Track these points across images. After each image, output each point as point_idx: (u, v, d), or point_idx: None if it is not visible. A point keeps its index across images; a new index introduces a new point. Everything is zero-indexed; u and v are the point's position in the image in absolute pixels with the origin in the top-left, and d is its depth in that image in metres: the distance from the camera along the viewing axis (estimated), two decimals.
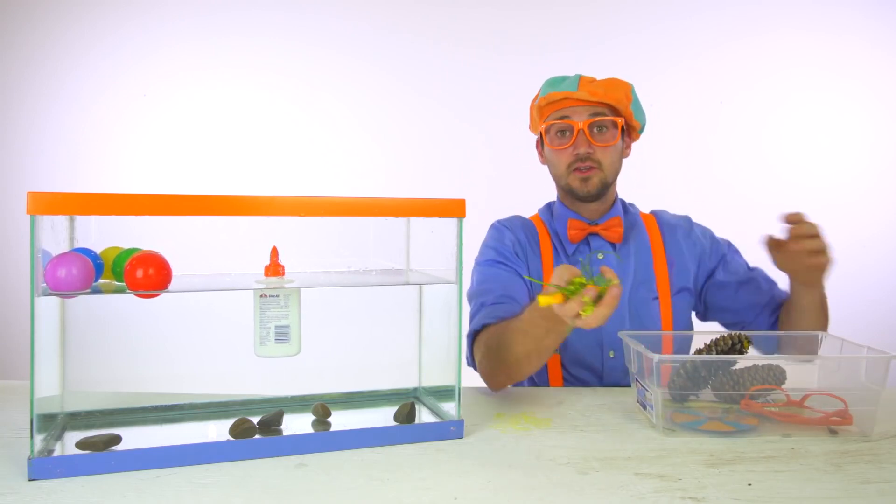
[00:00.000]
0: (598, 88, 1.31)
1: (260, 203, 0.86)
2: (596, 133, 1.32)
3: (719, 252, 1.43)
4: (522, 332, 1.10)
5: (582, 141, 1.32)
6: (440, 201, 0.95)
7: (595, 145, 1.32)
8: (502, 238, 1.42)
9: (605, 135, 1.33)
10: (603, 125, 1.32)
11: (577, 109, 1.33)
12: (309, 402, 1.08)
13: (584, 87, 1.31)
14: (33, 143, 2.97)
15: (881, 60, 2.95)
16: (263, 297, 0.94)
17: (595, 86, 1.31)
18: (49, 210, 0.79)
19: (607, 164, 1.34)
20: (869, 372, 0.99)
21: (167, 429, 0.99)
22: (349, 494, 0.77)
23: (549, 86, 1.36)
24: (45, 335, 0.86)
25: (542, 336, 1.07)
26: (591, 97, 1.30)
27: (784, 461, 0.88)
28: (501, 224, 1.46)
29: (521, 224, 1.46)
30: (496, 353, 1.17)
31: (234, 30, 2.94)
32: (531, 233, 1.44)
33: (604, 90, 1.31)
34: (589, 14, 2.96)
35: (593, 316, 0.90)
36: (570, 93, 1.31)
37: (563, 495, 0.77)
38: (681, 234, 1.43)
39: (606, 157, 1.34)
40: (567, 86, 1.33)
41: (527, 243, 1.42)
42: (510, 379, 1.19)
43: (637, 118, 1.36)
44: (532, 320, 1.07)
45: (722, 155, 2.95)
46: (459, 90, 2.95)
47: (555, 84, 1.35)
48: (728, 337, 1.08)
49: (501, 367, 1.17)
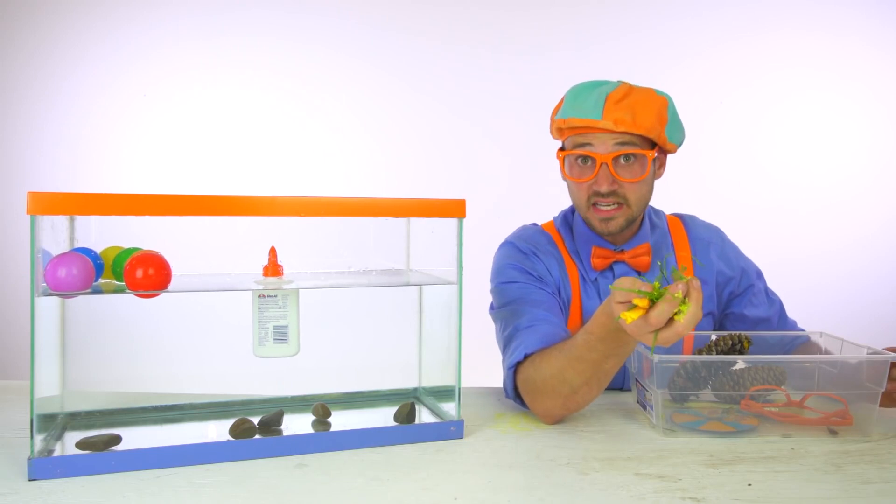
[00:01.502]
0: (626, 115, 1.11)
1: (260, 203, 0.86)
2: (622, 166, 1.14)
3: (746, 283, 1.30)
4: (577, 358, 0.98)
5: (604, 177, 1.14)
6: (440, 201, 0.95)
7: (620, 181, 1.14)
8: (534, 266, 1.24)
9: (632, 168, 1.14)
10: (630, 157, 1.14)
11: (602, 137, 1.13)
12: (309, 402, 1.08)
13: (611, 113, 1.11)
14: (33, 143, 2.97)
15: (881, 60, 2.95)
16: (262, 297, 0.94)
17: (622, 111, 1.12)
18: (49, 210, 0.79)
19: (634, 200, 1.17)
20: (869, 372, 0.99)
21: (167, 429, 0.99)
22: (349, 494, 0.77)
23: (571, 105, 1.16)
24: (45, 335, 0.86)
25: (601, 361, 0.96)
26: (616, 127, 1.11)
27: (784, 461, 0.88)
28: (525, 244, 1.27)
29: (546, 244, 1.28)
30: (549, 385, 1.03)
31: (234, 30, 2.94)
32: (559, 258, 1.27)
33: (632, 118, 1.11)
34: (589, 14, 2.97)
35: (688, 317, 0.80)
36: (594, 122, 1.12)
37: (563, 495, 0.77)
38: (714, 253, 1.30)
39: (634, 193, 1.16)
40: (590, 111, 1.13)
41: (558, 272, 1.25)
42: (568, 411, 1.05)
43: (673, 139, 1.18)
44: (589, 344, 0.96)
45: (721, 154, 2.95)
46: (460, 90, 2.95)
47: (578, 103, 1.15)
48: (728, 337, 1.08)
49: (556, 399, 1.03)
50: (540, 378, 1.04)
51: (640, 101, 1.14)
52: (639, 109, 1.13)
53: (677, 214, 1.38)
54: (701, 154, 2.94)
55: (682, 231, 1.32)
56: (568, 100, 1.18)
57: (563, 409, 1.04)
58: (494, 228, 1.49)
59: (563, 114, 1.17)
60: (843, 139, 2.96)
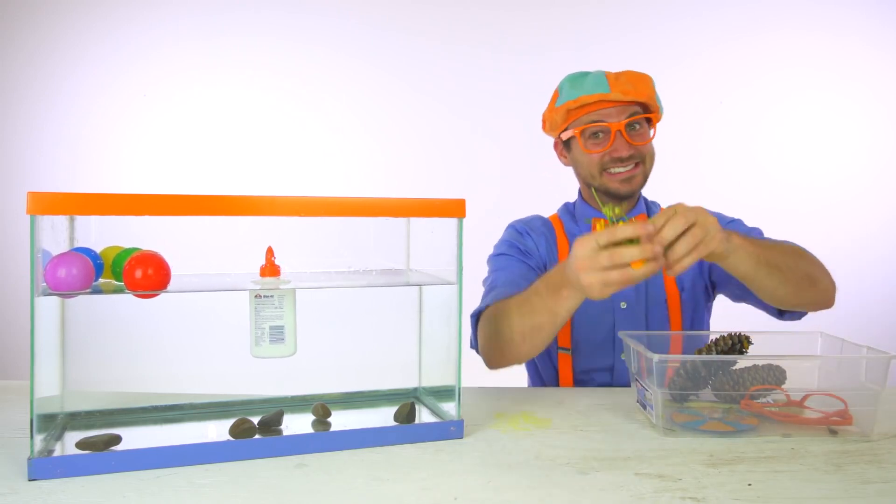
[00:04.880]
0: (629, 86, 1.27)
1: (260, 203, 0.86)
2: (633, 132, 1.29)
3: None
4: (526, 301, 1.09)
5: (621, 143, 1.28)
6: (440, 201, 0.95)
7: (634, 145, 1.29)
8: (524, 241, 1.40)
9: (641, 132, 1.31)
10: (639, 123, 1.30)
11: (612, 111, 1.28)
12: (309, 402, 1.08)
13: (616, 86, 1.27)
14: (33, 143, 2.97)
15: (881, 60, 2.95)
16: (258, 297, 0.94)
17: (626, 84, 1.27)
18: (49, 210, 0.79)
19: (649, 158, 1.33)
20: (869, 372, 0.99)
21: (167, 429, 0.99)
22: (349, 494, 0.77)
23: (573, 86, 1.30)
24: (45, 335, 0.86)
25: (540, 308, 1.05)
26: (625, 97, 1.26)
27: (784, 461, 0.88)
28: (522, 225, 1.44)
29: (541, 226, 1.43)
30: (497, 327, 1.15)
31: (234, 30, 2.94)
32: (551, 237, 1.42)
33: (634, 87, 1.27)
34: (589, 14, 2.97)
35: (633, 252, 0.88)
36: (604, 94, 1.26)
37: (563, 495, 0.77)
38: None
39: (648, 152, 1.33)
40: (597, 86, 1.28)
41: (546, 250, 1.40)
42: (506, 356, 1.17)
43: (660, 110, 1.35)
44: (536, 287, 1.06)
45: (721, 154, 2.95)
46: (460, 90, 2.95)
47: (580, 84, 1.30)
48: (728, 337, 1.08)
49: (500, 343, 1.15)
50: (490, 324, 1.17)
51: (634, 77, 1.30)
52: (636, 82, 1.29)
53: None
54: (701, 154, 2.94)
55: None
56: (566, 87, 1.32)
57: (501, 354, 1.17)
58: (494, 228, 1.50)
59: (570, 96, 1.30)
60: (843, 139, 2.96)
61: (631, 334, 1.11)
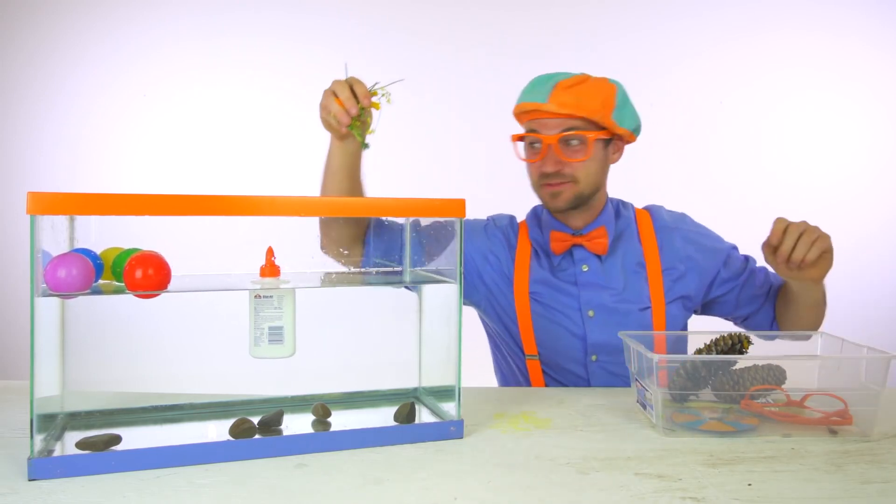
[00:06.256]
0: (571, 98, 1.21)
1: (260, 203, 0.86)
2: (567, 148, 1.24)
3: (719, 257, 1.36)
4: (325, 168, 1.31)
5: (550, 158, 1.24)
6: (440, 201, 0.95)
7: (565, 161, 1.24)
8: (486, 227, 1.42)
9: (576, 150, 1.24)
10: (574, 139, 1.23)
11: (547, 122, 1.24)
12: (309, 402, 1.08)
13: (556, 97, 1.21)
14: (33, 143, 2.97)
15: (881, 60, 2.95)
16: (258, 297, 0.94)
17: (568, 95, 1.21)
18: (49, 210, 0.79)
19: (583, 177, 1.25)
20: (869, 372, 0.99)
21: (167, 429, 0.99)
22: (349, 494, 0.77)
23: (525, 89, 1.28)
24: (45, 335, 0.86)
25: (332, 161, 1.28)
26: (559, 110, 1.21)
27: (784, 461, 0.88)
28: (491, 218, 1.46)
29: (507, 223, 1.43)
30: None
31: (234, 30, 2.94)
32: (513, 235, 1.41)
33: (576, 101, 1.20)
34: (589, 14, 2.96)
35: None
36: (539, 105, 1.22)
37: (563, 495, 0.77)
38: (679, 240, 1.35)
39: (581, 171, 1.25)
40: (537, 95, 1.23)
41: (504, 241, 1.39)
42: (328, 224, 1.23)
43: (624, 124, 1.25)
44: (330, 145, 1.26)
45: (722, 154, 2.95)
46: (459, 90, 2.95)
47: (528, 89, 1.27)
48: (728, 337, 1.08)
49: None
50: None
51: (590, 87, 1.23)
52: (584, 94, 1.22)
53: (646, 207, 1.43)
54: (701, 154, 2.94)
55: (648, 222, 1.38)
56: (525, 88, 1.29)
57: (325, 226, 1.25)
58: None
59: (518, 98, 1.29)
60: (843, 139, 2.96)
61: (631, 334, 1.11)
